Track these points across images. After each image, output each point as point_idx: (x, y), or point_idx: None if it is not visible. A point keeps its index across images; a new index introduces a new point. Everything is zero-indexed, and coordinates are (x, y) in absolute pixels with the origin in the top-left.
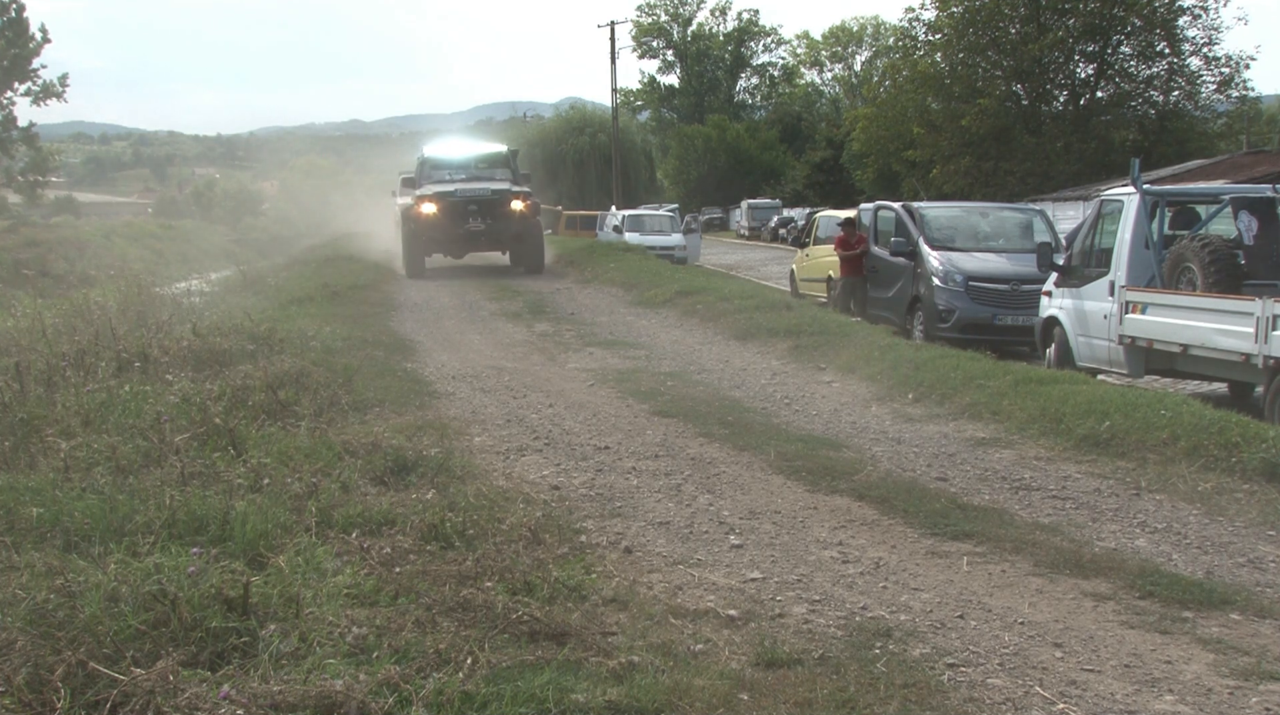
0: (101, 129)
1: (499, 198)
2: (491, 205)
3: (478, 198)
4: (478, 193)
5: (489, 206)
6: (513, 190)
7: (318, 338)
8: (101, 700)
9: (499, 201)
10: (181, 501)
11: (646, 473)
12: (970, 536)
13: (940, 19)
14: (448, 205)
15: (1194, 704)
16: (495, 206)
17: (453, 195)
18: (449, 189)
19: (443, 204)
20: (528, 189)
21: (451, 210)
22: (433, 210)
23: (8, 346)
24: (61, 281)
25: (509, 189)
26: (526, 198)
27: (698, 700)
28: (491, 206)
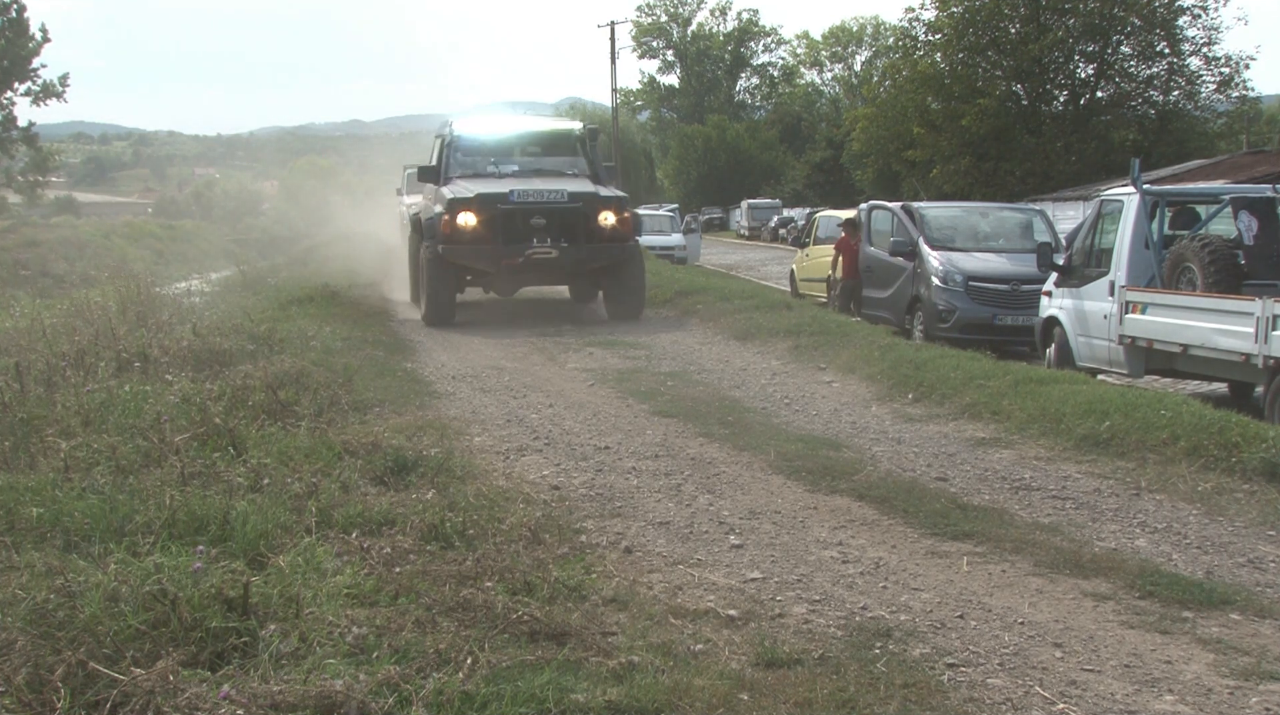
0: (101, 129)
1: (580, 205)
2: (567, 218)
3: (547, 205)
4: (547, 197)
5: (563, 219)
6: (601, 195)
7: (318, 338)
8: (101, 700)
9: (580, 212)
10: (181, 501)
11: (646, 473)
12: (970, 536)
13: (940, 19)
14: (498, 216)
15: (1194, 704)
16: (574, 219)
17: (506, 199)
18: (498, 190)
19: (490, 214)
20: (622, 193)
21: (504, 224)
22: (472, 223)
23: (8, 346)
24: (61, 281)
25: (595, 193)
26: (622, 207)
27: (698, 700)
28: (567, 219)
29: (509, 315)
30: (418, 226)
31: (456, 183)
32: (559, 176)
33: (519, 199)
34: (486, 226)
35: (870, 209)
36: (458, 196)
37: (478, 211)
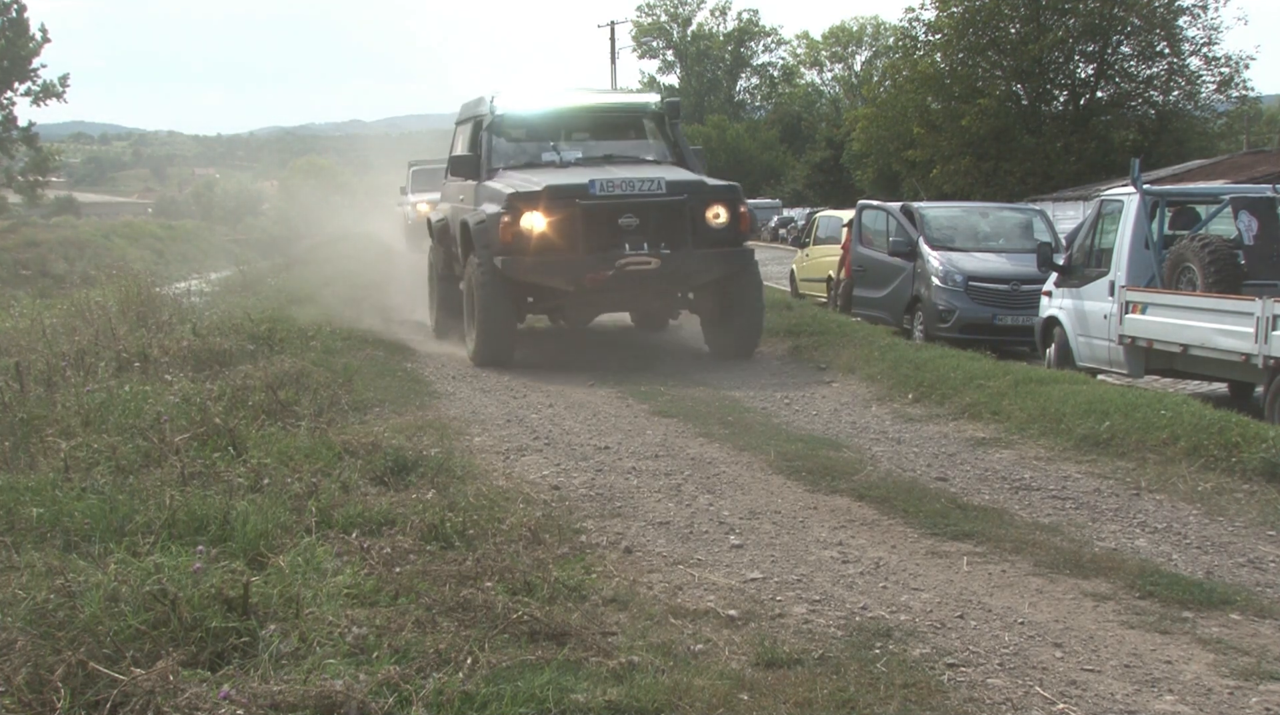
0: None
1: (685, 198)
2: (668, 215)
3: (640, 198)
4: (639, 188)
5: (663, 217)
6: (710, 184)
7: (318, 338)
8: (101, 700)
9: (684, 207)
10: (181, 501)
11: (646, 473)
12: (970, 536)
13: (940, 19)
14: (578, 215)
15: (1194, 704)
16: (677, 217)
17: (587, 193)
18: (574, 181)
19: (566, 212)
20: (732, 182)
21: (586, 226)
22: (541, 226)
23: (8, 346)
24: (61, 281)
25: (702, 182)
26: (737, 200)
27: (698, 700)
28: (668, 217)
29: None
30: (443, 235)
31: (506, 175)
32: (635, 164)
33: (603, 192)
34: (562, 230)
35: (862, 208)
36: (521, 191)
37: (550, 210)
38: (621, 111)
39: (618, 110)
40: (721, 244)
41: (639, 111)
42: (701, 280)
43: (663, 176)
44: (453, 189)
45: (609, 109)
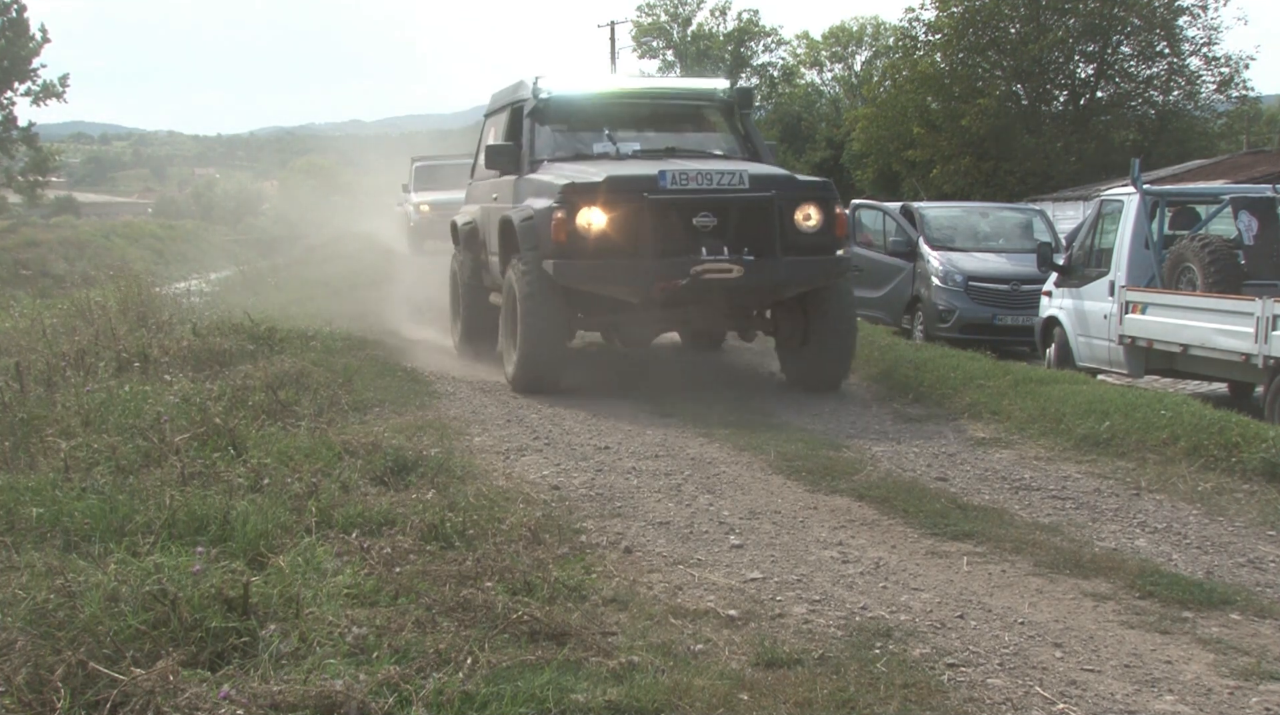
0: (101, 129)
1: (772, 195)
2: (751, 215)
3: (718, 195)
4: (717, 182)
5: (745, 217)
6: (799, 180)
7: (318, 338)
8: (101, 700)
9: (770, 206)
10: (181, 501)
11: (646, 473)
12: (970, 536)
13: (940, 19)
14: (646, 212)
15: (1194, 704)
16: (761, 218)
17: (656, 186)
18: (641, 172)
19: (633, 208)
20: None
21: (655, 224)
22: (602, 223)
23: (8, 346)
24: (61, 281)
25: (790, 177)
26: (831, 200)
27: (698, 700)
28: (751, 218)
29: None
30: (470, 239)
31: (554, 167)
32: (704, 158)
33: (675, 185)
34: (627, 228)
35: (857, 208)
36: (578, 181)
37: (612, 204)
38: (685, 99)
39: (681, 97)
40: (813, 251)
41: (705, 99)
42: (789, 292)
43: (744, 169)
44: (483, 187)
45: (671, 95)
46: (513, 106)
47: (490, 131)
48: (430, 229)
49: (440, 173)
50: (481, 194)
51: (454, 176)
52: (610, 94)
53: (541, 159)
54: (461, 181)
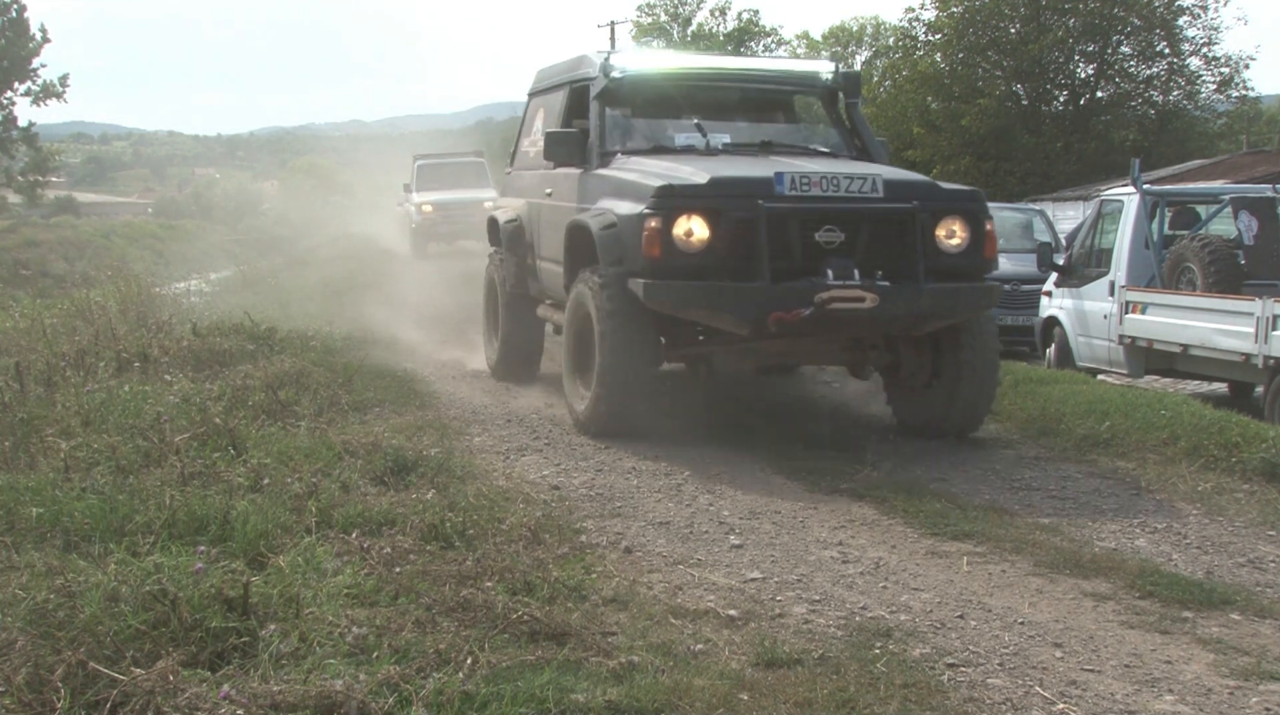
0: (101, 129)
1: (913, 206)
2: (885, 229)
3: (847, 204)
4: (845, 188)
5: (878, 232)
6: (943, 189)
7: (318, 338)
8: (101, 700)
9: (909, 218)
10: (181, 501)
11: (646, 473)
12: (970, 536)
13: (940, 19)
14: (761, 223)
15: (1194, 704)
16: (898, 233)
17: (772, 191)
18: (753, 173)
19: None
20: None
21: (773, 238)
22: (705, 235)
23: (8, 346)
24: (61, 281)
25: (930, 185)
26: (980, 211)
27: (698, 700)
28: (884, 233)
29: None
30: (516, 241)
31: (632, 162)
32: (811, 155)
33: (796, 191)
34: (738, 243)
35: None
36: (678, 182)
37: (719, 212)
38: (782, 83)
39: (777, 81)
40: (957, 275)
41: (805, 85)
42: (928, 327)
43: (877, 174)
44: (530, 179)
45: (765, 78)
46: (572, 86)
47: (538, 115)
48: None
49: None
50: (528, 187)
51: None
52: (694, 74)
53: (614, 151)
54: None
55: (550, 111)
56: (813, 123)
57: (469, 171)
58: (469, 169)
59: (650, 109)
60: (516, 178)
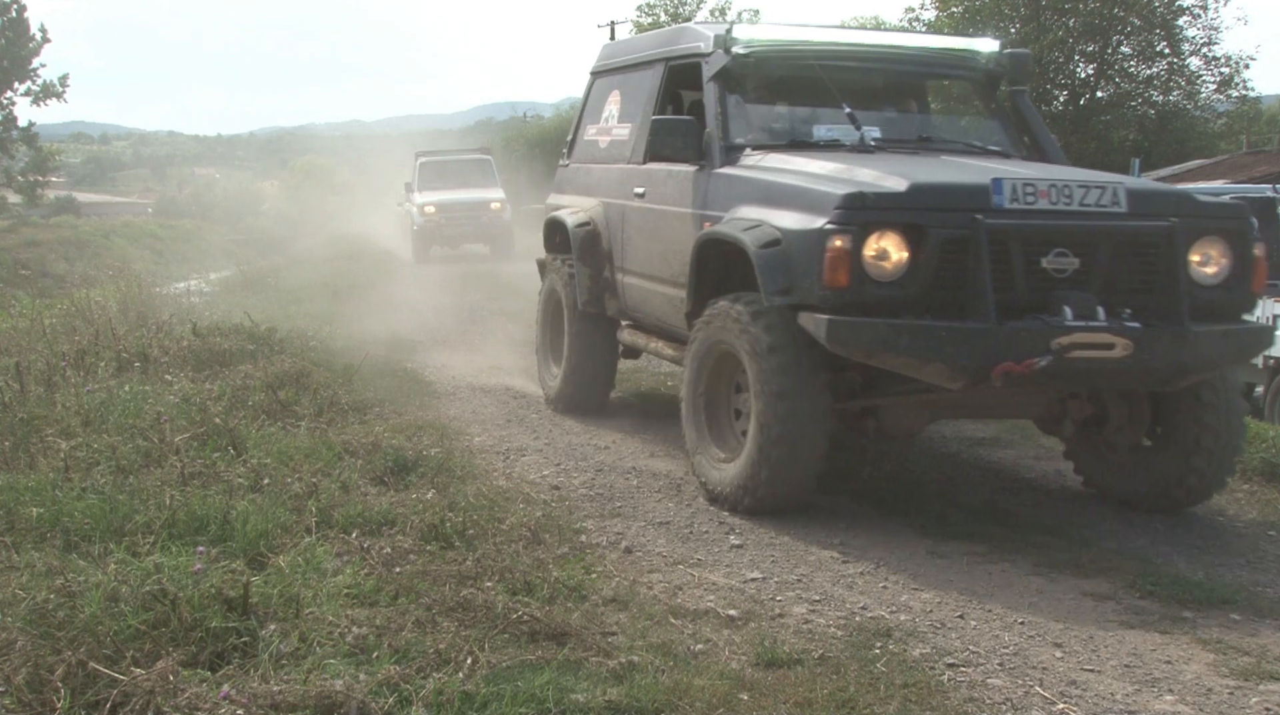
0: (101, 129)
1: (1170, 226)
2: (1136, 255)
3: (1081, 218)
4: (1081, 200)
5: (1123, 259)
6: (1201, 203)
7: (317, 338)
8: (101, 700)
9: (1161, 240)
10: (181, 501)
11: (646, 473)
12: (970, 536)
13: (940, 19)
14: (983, 243)
15: (1194, 704)
16: (1150, 261)
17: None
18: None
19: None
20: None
21: (997, 264)
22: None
23: (8, 346)
24: (61, 281)
25: (1190, 199)
26: (1245, 233)
27: (698, 700)
28: (1135, 260)
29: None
30: (590, 249)
31: (771, 159)
32: (975, 153)
33: (1018, 203)
34: (949, 270)
35: None
36: (869, 190)
37: (925, 229)
38: (936, 64)
39: (931, 62)
40: (1215, 314)
41: (962, 67)
42: (1188, 381)
43: (1118, 183)
44: (607, 176)
45: (915, 59)
46: (670, 63)
47: (609, 98)
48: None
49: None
50: (602, 185)
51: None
52: (833, 51)
53: (740, 145)
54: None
55: (632, 94)
56: (973, 114)
57: (475, 170)
58: (475, 167)
59: (780, 94)
60: (579, 173)
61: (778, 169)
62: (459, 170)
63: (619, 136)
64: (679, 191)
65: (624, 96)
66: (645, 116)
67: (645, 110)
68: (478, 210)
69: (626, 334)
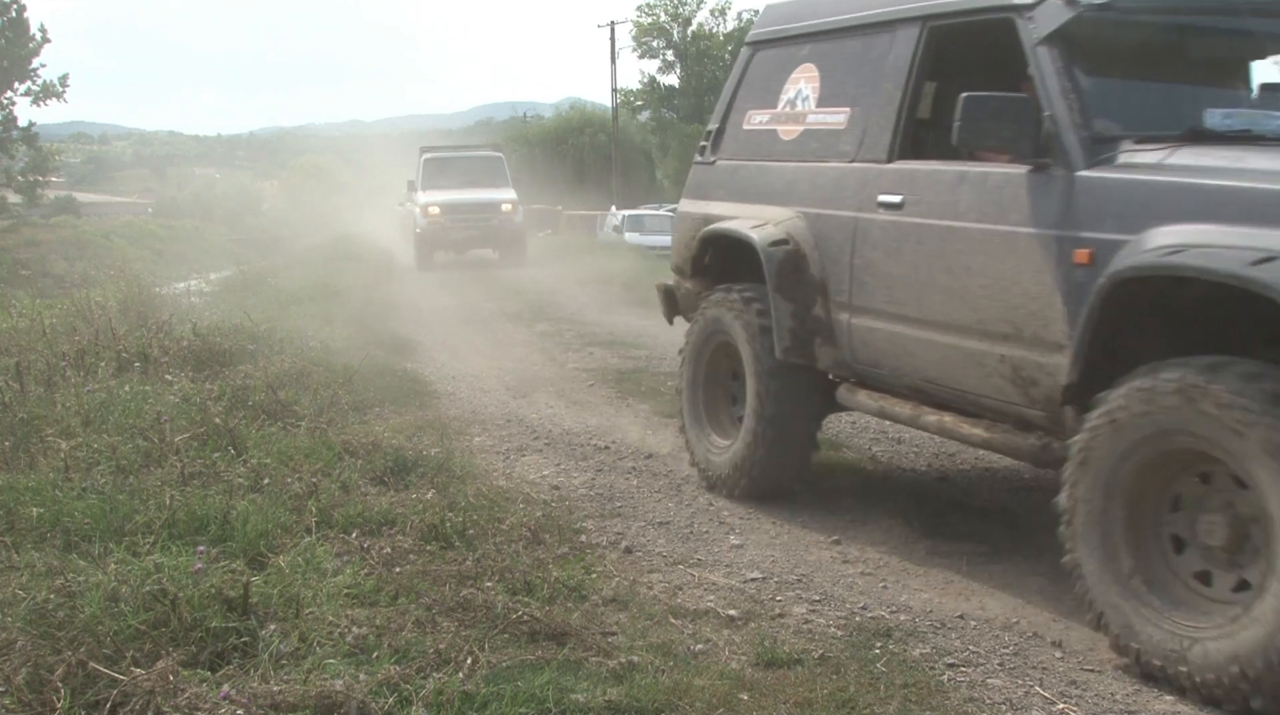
0: (101, 129)
1: None
2: None
3: None
4: None
5: None
6: None
7: (317, 338)
8: (101, 700)
9: None
10: (181, 501)
11: (646, 473)
12: (970, 536)
13: None
14: None
15: (1194, 704)
16: None
17: None
18: None
19: None
20: None
21: None
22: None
23: (8, 346)
24: (61, 281)
25: None
26: None
27: (698, 700)
28: None
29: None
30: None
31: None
32: None
33: None
34: None
35: None
36: None
37: None
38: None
39: None
40: None
41: None
42: None
43: None
44: (825, 179)
45: None
46: (932, 23)
47: (796, 75)
48: (441, 237)
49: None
50: (808, 189)
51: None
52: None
53: (1112, 136)
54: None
55: (849, 69)
56: None
57: (484, 168)
58: (484, 165)
59: (1144, 65)
60: (744, 173)
61: (1230, 170)
62: (467, 168)
63: (826, 125)
64: (1001, 202)
65: (828, 72)
66: (888, 98)
67: (888, 90)
68: (487, 212)
69: (863, 397)
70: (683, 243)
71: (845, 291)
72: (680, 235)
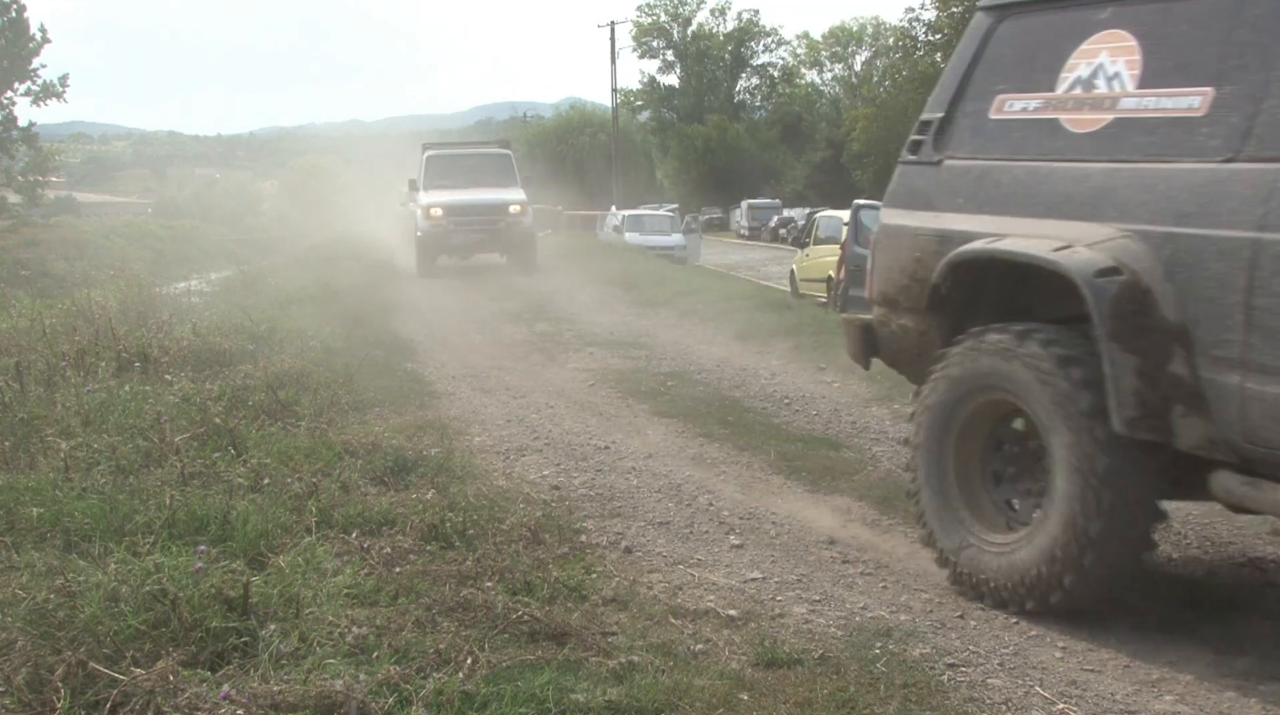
0: (101, 129)
1: None
2: None
3: None
4: None
5: None
6: None
7: (318, 338)
8: (101, 700)
9: None
10: (181, 501)
11: (646, 473)
12: None
13: (940, 19)
14: None
15: (1194, 704)
16: None
17: None
18: None
19: None
20: None
21: None
22: None
23: (8, 346)
24: (61, 281)
25: None
26: None
27: (698, 700)
28: None
29: None
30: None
31: None
32: None
33: None
34: None
35: (858, 208)
36: None
37: None
38: None
39: None
40: None
41: None
42: None
43: None
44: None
45: None
46: None
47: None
48: (444, 240)
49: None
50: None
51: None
52: None
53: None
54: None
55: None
56: None
57: (492, 167)
58: (492, 164)
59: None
60: (1001, 176)
61: None
62: (473, 167)
63: (1163, 111)
64: None
65: (1154, 40)
66: None
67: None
68: (494, 214)
69: (1269, 492)
70: (899, 267)
71: (1233, 343)
72: (892, 257)
